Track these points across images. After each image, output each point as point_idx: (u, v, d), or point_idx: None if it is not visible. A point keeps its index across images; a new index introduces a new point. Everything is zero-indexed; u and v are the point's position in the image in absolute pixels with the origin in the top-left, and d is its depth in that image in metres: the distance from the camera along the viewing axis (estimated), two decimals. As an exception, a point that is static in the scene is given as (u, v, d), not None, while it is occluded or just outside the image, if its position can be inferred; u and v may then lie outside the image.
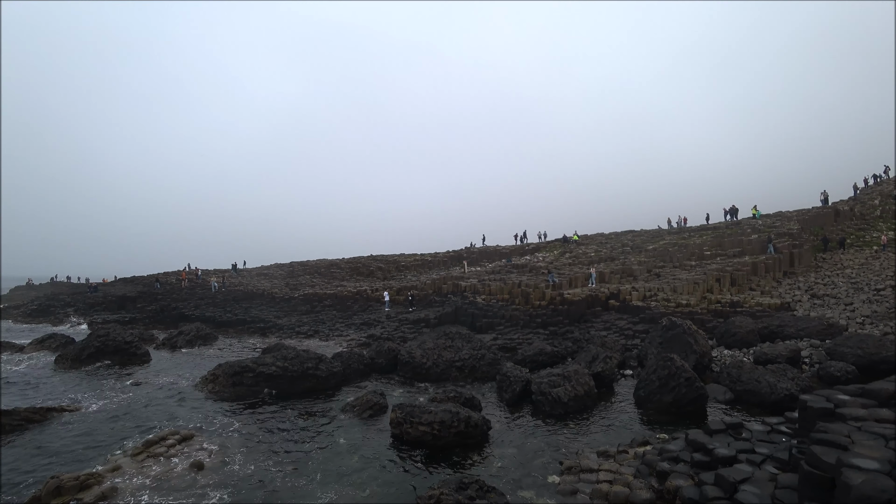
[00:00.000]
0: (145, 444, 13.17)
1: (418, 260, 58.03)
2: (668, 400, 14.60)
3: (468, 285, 35.59)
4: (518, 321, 28.54)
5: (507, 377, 17.40)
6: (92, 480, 10.91)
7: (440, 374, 20.06)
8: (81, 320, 45.08)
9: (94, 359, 24.74)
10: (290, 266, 60.85)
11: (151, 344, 30.66)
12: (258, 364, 19.21)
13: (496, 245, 63.44)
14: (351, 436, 13.93)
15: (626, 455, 10.86)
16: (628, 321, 25.42)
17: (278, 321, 36.51)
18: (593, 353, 19.13)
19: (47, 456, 13.10)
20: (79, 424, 15.59)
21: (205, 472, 11.59)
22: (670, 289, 28.20)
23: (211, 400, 18.00)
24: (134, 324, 39.49)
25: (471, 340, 22.32)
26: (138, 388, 20.13)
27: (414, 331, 29.77)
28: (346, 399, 17.57)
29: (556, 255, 50.15)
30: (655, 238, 48.14)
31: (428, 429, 12.76)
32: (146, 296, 49.62)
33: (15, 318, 52.25)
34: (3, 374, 23.38)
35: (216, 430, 14.70)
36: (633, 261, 39.52)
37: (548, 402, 15.27)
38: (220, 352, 28.60)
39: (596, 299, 28.25)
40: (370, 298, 39.05)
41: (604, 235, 57.37)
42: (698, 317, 23.49)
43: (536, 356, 21.18)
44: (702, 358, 17.86)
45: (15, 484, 11.33)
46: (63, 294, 62.43)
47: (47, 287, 78.66)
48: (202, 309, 42.04)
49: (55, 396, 19.03)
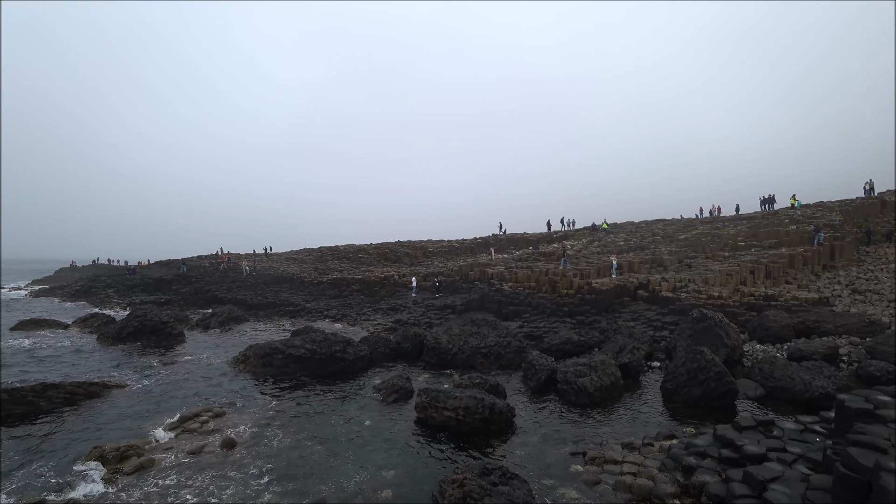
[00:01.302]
0: (180, 420, 13.77)
1: (445, 246, 58.16)
2: (697, 394, 14.37)
3: (495, 272, 35.54)
4: (544, 309, 28.39)
5: (533, 365, 17.39)
6: (131, 452, 11.51)
7: (465, 361, 20.17)
8: (123, 301, 46.87)
9: (132, 338, 25.81)
10: (318, 251, 61.85)
11: (186, 325, 31.72)
12: (287, 346, 19.70)
13: (523, 232, 63.00)
14: (377, 418, 14.21)
15: (652, 448, 10.78)
16: (657, 312, 25.00)
17: (307, 305, 37.25)
18: (620, 343, 18.93)
19: (90, 427, 13.80)
20: (119, 399, 16.36)
21: (236, 449, 12.04)
22: (701, 280, 27.57)
23: (242, 379, 18.59)
24: (169, 305, 40.93)
25: (497, 328, 22.35)
26: (173, 366, 20.94)
27: (440, 317, 29.96)
28: (373, 382, 17.91)
29: (585, 243, 49.55)
30: (687, 227, 47.01)
31: (452, 414, 12.91)
32: (181, 278, 51.30)
33: (61, 297, 54.81)
34: (50, 350, 24.68)
35: (247, 408, 15.21)
36: (663, 250, 38.73)
37: (573, 392, 15.23)
38: (250, 333, 29.41)
39: (624, 289, 27.84)
40: (397, 284, 39.44)
41: (633, 224, 56.35)
42: (730, 309, 22.93)
43: (562, 345, 21.07)
44: (733, 352, 17.48)
45: (63, 453, 11.99)
46: (104, 276, 65.18)
47: (89, 269, 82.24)
48: (234, 292, 43.21)
49: (97, 372, 19.96)
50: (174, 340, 26.48)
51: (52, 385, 16.09)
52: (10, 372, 20.31)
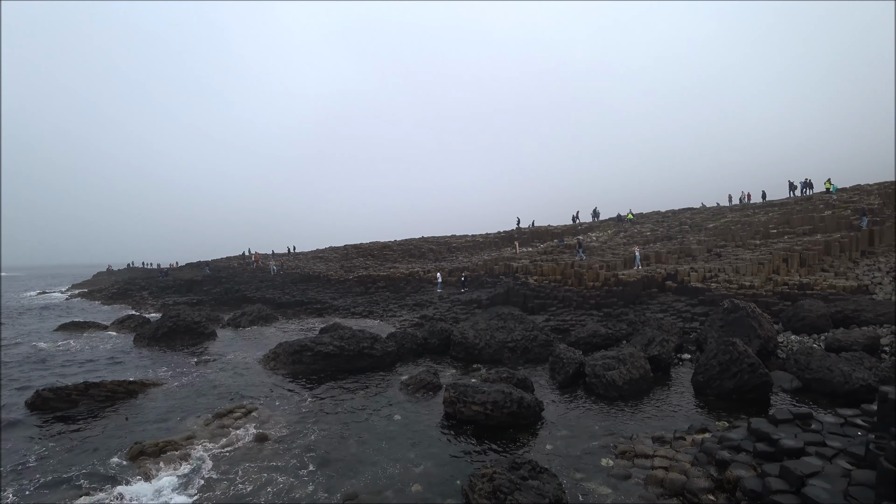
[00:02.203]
0: (215, 416, 14.18)
1: (469, 241, 58.09)
2: (729, 386, 14.07)
3: (520, 266, 35.37)
4: (571, 302, 28.15)
5: (560, 359, 17.30)
6: (169, 447, 11.94)
7: (492, 355, 20.19)
8: (157, 302, 48.32)
9: (167, 338, 26.61)
10: (344, 249, 62.53)
11: (217, 324, 32.58)
12: (316, 343, 20.03)
13: (547, 225, 62.47)
14: (405, 413, 14.35)
15: (683, 442, 10.61)
16: (686, 303, 24.53)
17: (334, 302, 37.77)
18: (649, 335, 18.66)
19: (130, 424, 14.34)
20: (156, 396, 16.93)
21: (268, 443, 12.34)
22: (732, 269, 26.89)
23: (273, 376, 19.02)
24: (201, 305, 42.02)
25: (523, 321, 22.29)
26: (207, 364, 21.53)
27: (466, 311, 30.02)
28: (401, 378, 18.08)
29: (610, 234, 48.85)
30: (716, 216, 45.86)
31: (481, 408, 12.95)
32: (211, 279, 52.58)
33: (99, 300, 56.88)
34: (91, 350, 25.67)
35: (278, 404, 15.56)
36: (691, 240, 37.90)
37: (601, 385, 15.10)
38: (280, 331, 30.02)
39: (652, 280, 27.38)
40: (422, 280, 39.63)
41: (660, 214, 55.27)
42: (763, 299, 22.32)
43: (590, 338, 20.90)
44: (766, 343, 17.04)
45: (105, 448, 12.51)
46: (138, 278, 67.42)
47: (124, 272, 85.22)
48: (262, 291, 44.09)
49: (135, 371, 20.69)
50: (206, 339, 27.25)
51: (94, 384, 16.78)
52: (55, 371, 21.25)
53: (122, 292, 57.71)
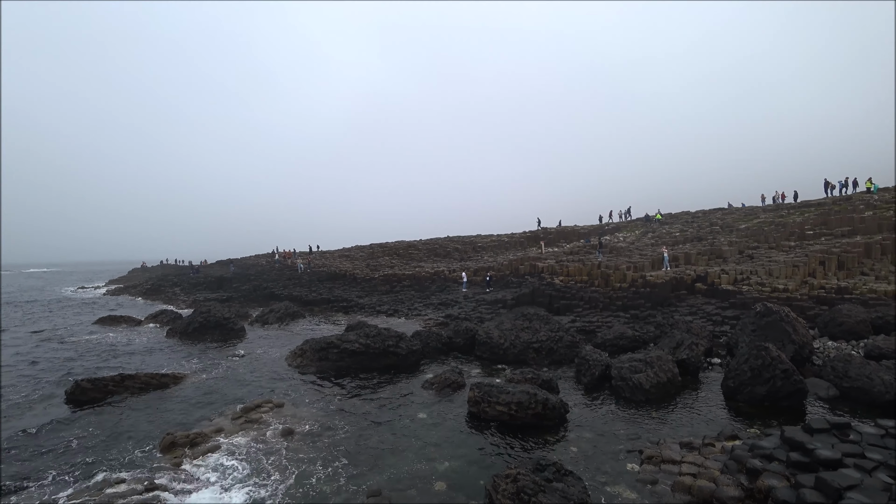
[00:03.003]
0: (243, 410, 14.54)
1: (495, 241, 57.96)
2: (761, 393, 13.69)
3: (545, 266, 35.14)
4: (597, 303, 27.82)
5: (586, 360, 17.12)
6: (199, 439, 12.36)
7: (517, 356, 20.12)
8: (188, 298, 49.69)
9: (198, 333, 27.35)
10: (369, 248, 63.12)
11: (246, 320, 33.37)
12: (342, 341, 20.29)
13: (573, 225, 61.84)
14: (430, 412, 14.44)
15: (713, 448, 10.39)
16: (716, 306, 23.95)
17: (360, 300, 38.17)
18: (678, 338, 18.31)
19: (162, 415, 14.84)
20: (187, 389, 17.46)
21: (294, 438, 12.60)
22: (765, 272, 26.15)
23: (299, 372, 19.36)
24: (230, 302, 43.02)
25: (548, 322, 22.14)
26: (235, 359, 22.07)
27: (491, 311, 29.97)
28: (426, 376, 18.20)
29: (638, 234, 48.08)
30: (748, 216, 44.66)
31: (505, 409, 12.94)
32: (240, 276, 53.75)
33: (133, 295, 58.82)
34: (126, 343, 26.59)
35: (304, 400, 15.85)
36: (722, 241, 36.98)
37: (628, 388, 14.90)
38: (306, 328, 30.52)
39: (681, 282, 26.84)
40: (447, 279, 39.72)
41: (689, 214, 54.10)
42: (797, 303, 21.63)
43: (616, 340, 20.63)
44: (801, 349, 16.51)
45: (139, 438, 12.98)
46: (170, 275, 69.57)
47: (157, 269, 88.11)
48: (290, 289, 44.87)
49: (167, 364, 21.36)
50: (235, 335, 27.90)
51: (129, 376, 17.46)
52: (93, 363, 22.12)
53: (155, 288, 59.61)
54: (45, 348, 25.94)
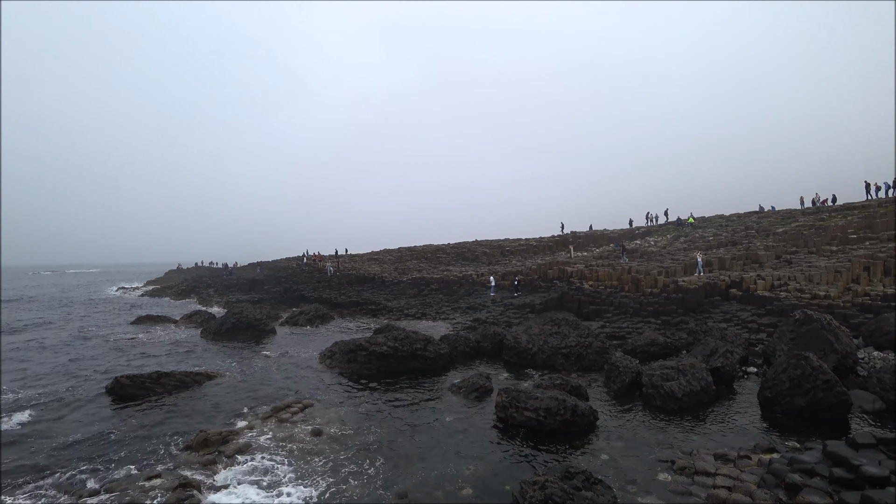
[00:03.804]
0: (273, 410, 14.84)
1: (523, 245, 57.62)
2: (801, 404, 13.19)
3: (574, 270, 34.74)
4: (627, 309, 27.35)
5: (616, 367, 16.84)
6: (231, 436, 12.71)
7: (545, 361, 19.94)
8: (222, 300, 51.05)
9: (230, 333, 28.08)
10: (398, 251, 63.60)
11: (277, 321, 34.02)
12: (371, 343, 20.50)
13: (603, 229, 60.99)
14: (457, 415, 14.44)
15: (749, 461, 10.06)
16: (752, 313, 23.22)
17: (388, 303, 38.48)
18: (712, 346, 17.84)
19: (196, 412, 15.31)
20: (220, 388, 17.95)
21: (323, 438, 12.80)
22: (804, 277, 25.23)
23: (328, 374, 19.66)
24: (262, 303, 43.95)
25: (577, 327, 21.87)
26: (266, 359, 22.55)
27: (519, 316, 29.81)
28: (453, 380, 18.23)
29: (669, 239, 47.08)
30: (786, 219, 43.17)
31: (533, 414, 12.84)
32: (272, 278, 54.91)
33: (169, 296, 60.80)
34: (162, 342, 27.49)
35: (333, 401, 16.07)
36: (758, 245, 35.86)
37: (659, 396, 14.59)
38: (335, 330, 30.94)
39: (715, 287, 26.14)
40: (475, 283, 39.70)
41: (723, 217, 52.65)
42: (840, 311, 20.78)
43: (647, 347, 20.22)
44: (844, 359, 15.84)
45: (173, 433, 13.43)
46: (205, 276, 71.71)
47: (192, 271, 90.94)
48: (319, 291, 45.55)
49: (201, 363, 21.99)
50: (267, 336, 28.54)
51: (165, 374, 18.09)
52: (131, 360, 22.98)
53: (190, 289, 61.46)
54: (87, 346, 27.08)
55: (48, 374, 20.44)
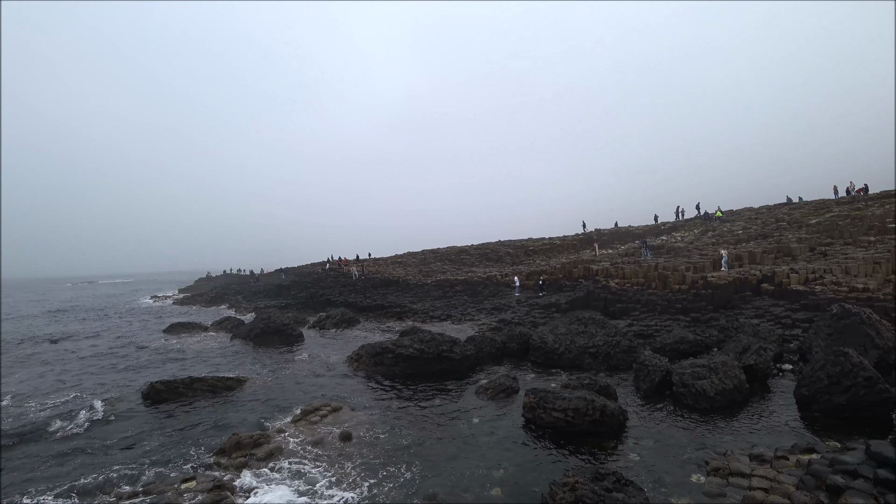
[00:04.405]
0: (303, 413, 15.07)
1: (547, 244, 57.16)
2: (840, 402, 12.75)
3: (600, 269, 34.31)
4: (655, 306, 26.90)
5: (645, 366, 16.57)
6: (262, 440, 12.94)
7: (573, 361, 19.76)
8: (250, 306, 52.10)
9: (259, 338, 28.65)
10: (422, 254, 63.82)
11: (304, 326, 34.53)
12: (397, 346, 20.64)
13: (628, 226, 60.09)
14: (484, 417, 14.42)
15: (786, 462, 9.77)
16: (786, 308, 22.56)
17: (413, 306, 38.65)
18: (744, 343, 17.40)
19: (227, 416, 15.67)
20: (250, 392, 18.33)
21: (352, 441, 12.93)
22: (841, 270, 24.39)
23: (356, 376, 19.86)
24: (289, 308, 44.62)
25: (604, 326, 21.61)
26: (295, 363, 22.91)
27: (544, 316, 29.60)
28: (479, 381, 18.21)
29: (697, 234, 46.09)
30: (819, 210, 41.81)
31: (561, 415, 12.75)
32: (298, 284, 55.73)
33: (199, 303, 62.31)
34: (194, 348, 28.17)
35: (361, 404, 16.22)
36: (790, 237, 34.82)
37: (690, 395, 14.30)
38: (361, 333, 31.21)
39: (745, 283, 25.49)
40: (500, 283, 39.56)
41: (753, 210, 51.28)
42: (880, 304, 19.98)
43: (677, 344, 19.86)
44: (886, 354, 15.25)
45: (207, 436, 13.79)
46: (233, 283, 73.32)
47: (221, 278, 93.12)
48: (345, 295, 46.04)
49: (232, 368, 22.49)
50: (294, 340, 28.98)
51: (197, 378, 18.60)
52: (165, 366, 23.64)
53: (219, 296, 62.85)
54: (123, 353, 27.96)
55: (86, 380, 21.21)
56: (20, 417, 16.24)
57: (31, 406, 17.53)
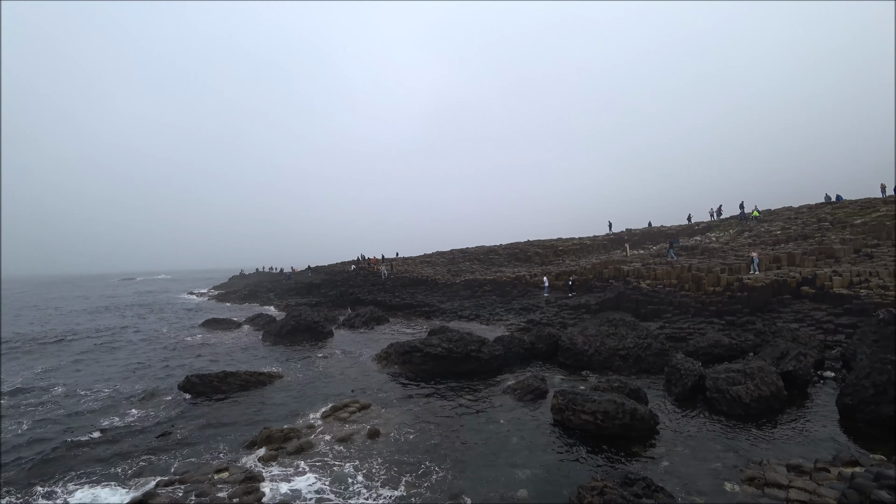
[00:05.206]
0: (332, 409, 15.37)
1: (576, 244, 56.45)
2: (887, 413, 12.16)
3: (631, 269, 33.69)
4: (688, 309, 26.26)
5: (677, 370, 16.21)
6: (293, 434, 13.28)
7: (602, 363, 19.49)
8: (281, 303, 53.23)
9: (290, 335, 29.25)
10: (450, 253, 63.88)
11: (334, 324, 35.08)
12: (425, 345, 20.76)
13: (660, 226, 58.83)
14: (511, 418, 14.39)
15: (827, 474, 9.40)
16: (827, 312, 21.70)
17: (441, 305, 38.80)
18: (782, 348, 16.81)
19: (259, 410, 16.13)
20: (281, 387, 18.81)
21: (380, 439, 13.11)
22: (888, 273, 23.30)
23: (384, 374, 20.10)
24: (319, 306, 45.43)
25: (635, 328, 21.24)
26: (325, 360, 23.32)
27: (574, 317, 29.30)
28: (507, 382, 18.18)
29: (732, 234, 44.75)
30: (865, 210, 39.96)
31: (590, 418, 12.61)
32: (328, 282, 56.62)
33: (233, 300, 64.06)
34: (227, 344, 29.00)
35: (389, 401, 16.43)
36: (833, 238, 33.43)
37: (724, 401, 13.91)
38: (390, 332, 31.53)
39: (784, 285, 24.63)
40: (529, 284, 39.30)
41: (792, 210, 49.40)
42: (931, 309, 19.05)
43: (711, 348, 19.33)
44: (936, 362, 14.52)
45: (239, 430, 14.25)
46: (265, 281, 75.12)
47: (254, 276, 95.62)
48: (374, 294, 46.52)
49: (263, 364, 23.06)
50: (324, 338, 29.51)
51: (231, 373, 19.16)
52: (199, 360, 24.47)
53: (252, 293, 64.42)
54: (160, 346, 29.07)
55: (125, 372, 22.18)
56: (59, 408, 17.11)
57: (71, 398, 18.41)
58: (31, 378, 21.66)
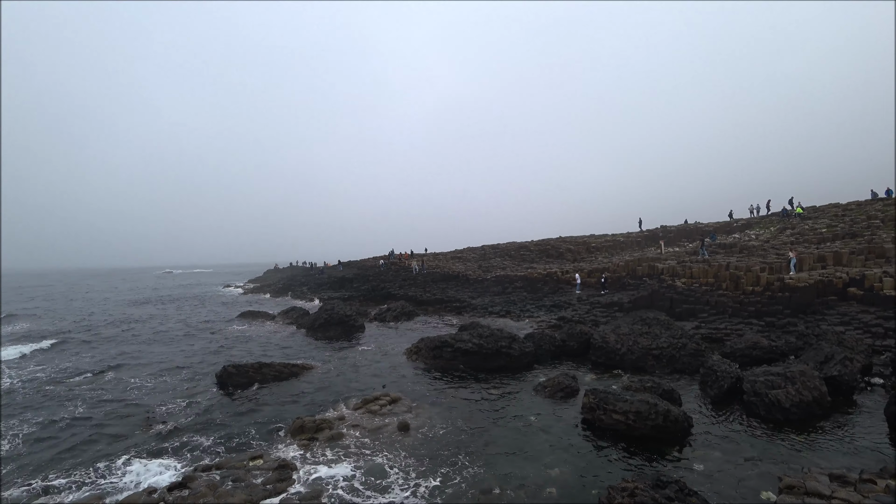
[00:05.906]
0: (363, 402, 15.66)
1: (609, 241, 55.47)
2: (938, 420, 11.63)
3: (665, 267, 32.93)
4: (725, 309, 25.51)
5: (713, 371, 15.82)
6: (324, 425, 13.61)
7: (635, 362, 19.18)
8: (314, 297, 54.38)
9: (323, 328, 29.91)
10: (481, 249, 63.75)
11: (365, 318, 35.64)
12: (456, 340, 20.89)
13: (695, 222, 57.19)
14: (541, 415, 14.36)
15: (874, 486, 8.99)
16: (876, 315, 20.70)
17: (472, 301, 38.85)
18: (826, 352, 16.17)
19: (293, 400, 16.63)
20: (314, 379, 19.31)
21: (410, 432, 13.31)
22: (945, 275, 22.06)
23: (414, 368, 20.35)
24: (351, 300, 46.17)
25: (670, 327, 20.80)
26: (356, 353, 23.76)
27: (606, 314, 28.89)
28: (538, 379, 18.15)
29: (774, 231, 43.11)
30: (921, 208, 37.84)
31: (622, 417, 12.47)
32: (360, 277, 57.40)
33: (268, 293, 66.01)
34: (262, 336, 29.83)
35: (419, 395, 16.65)
36: (884, 237, 31.77)
37: (763, 405, 13.51)
38: (421, 326, 31.83)
39: (829, 286, 23.61)
40: (560, 280, 38.91)
41: (839, 206, 47.13)
42: None
43: (749, 350, 18.75)
44: None
45: (273, 419, 14.72)
46: (299, 275, 76.99)
47: (288, 270, 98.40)
48: (405, 289, 46.92)
49: (297, 355, 23.69)
50: (356, 331, 30.05)
51: (265, 364, 19.77)
52: (236, 351, 25.29)
53: (286, 287, 66.10)
54: (198, 337, 30.16)
55: (166, 361, 23.17)
56: (106, 393, 18.04)
57: (120, 385, 19.36)
58: (83, 365, 22.90)
